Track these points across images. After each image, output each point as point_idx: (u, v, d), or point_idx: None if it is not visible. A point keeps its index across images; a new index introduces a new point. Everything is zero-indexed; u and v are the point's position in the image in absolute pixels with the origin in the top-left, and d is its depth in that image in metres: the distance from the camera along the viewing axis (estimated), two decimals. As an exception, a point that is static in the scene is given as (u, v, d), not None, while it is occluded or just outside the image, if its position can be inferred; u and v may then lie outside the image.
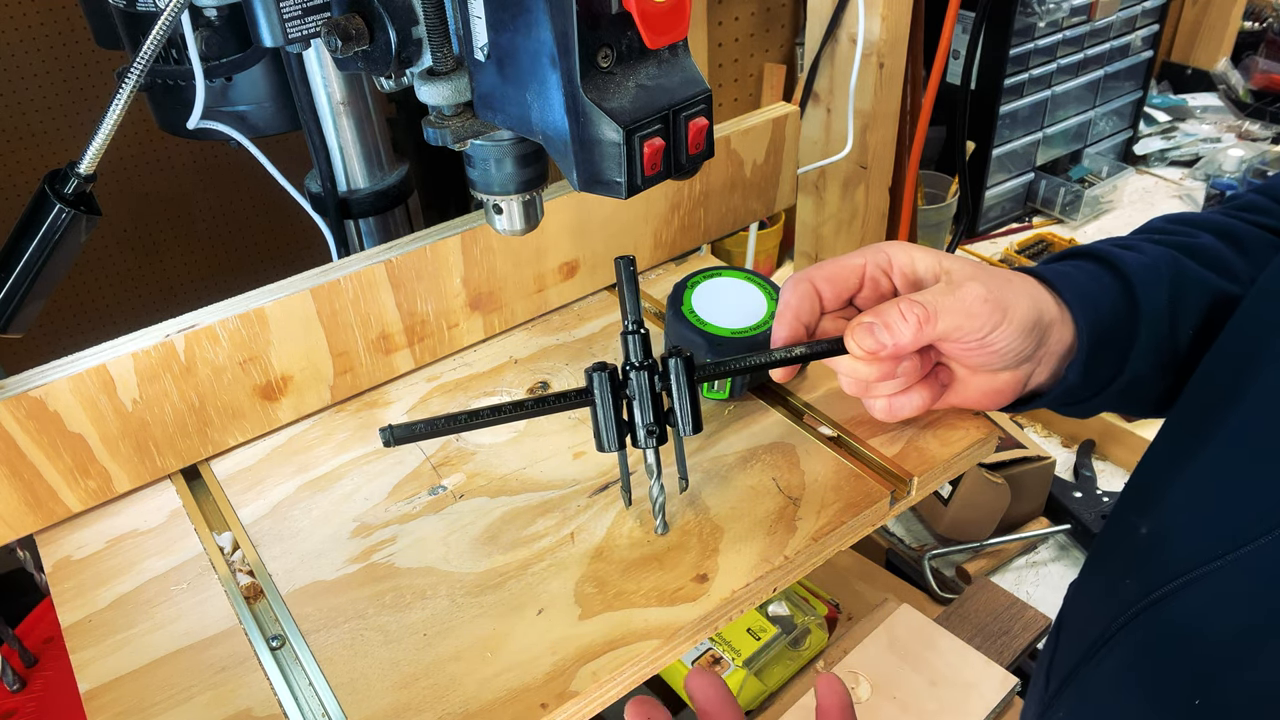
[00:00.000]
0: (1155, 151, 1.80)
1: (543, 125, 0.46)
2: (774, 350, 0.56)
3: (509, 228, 0.56)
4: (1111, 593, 0.48)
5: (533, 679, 0.49)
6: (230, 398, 0.64)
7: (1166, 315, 0.54)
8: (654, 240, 0.81)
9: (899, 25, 1.09)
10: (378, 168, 0.87)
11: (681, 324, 0.65)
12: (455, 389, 0.71)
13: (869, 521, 0.59)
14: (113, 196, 1.40)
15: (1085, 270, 0.56)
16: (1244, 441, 0.44)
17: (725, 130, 0.80)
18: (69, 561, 0.59)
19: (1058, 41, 1.49)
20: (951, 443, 0.62)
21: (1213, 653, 0.41)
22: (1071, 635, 0.52)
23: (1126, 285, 0.55)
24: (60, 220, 0.57)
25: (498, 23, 0.45)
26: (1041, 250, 1.57)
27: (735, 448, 0.63)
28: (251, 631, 0.53)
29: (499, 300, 0.74)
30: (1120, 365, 0.55)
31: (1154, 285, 0.54)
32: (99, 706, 0.50)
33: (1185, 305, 0.54)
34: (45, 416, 0.57)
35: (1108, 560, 0.53)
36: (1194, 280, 0.55)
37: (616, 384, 0.54)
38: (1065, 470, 1.21)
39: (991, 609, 0.96)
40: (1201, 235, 0.57)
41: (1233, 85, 1.93)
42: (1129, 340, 0.54)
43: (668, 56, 0.47)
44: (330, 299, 0.65)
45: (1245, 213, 0.60)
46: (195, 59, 0.67)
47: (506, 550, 0.57)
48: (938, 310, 0.52)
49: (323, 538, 0.59)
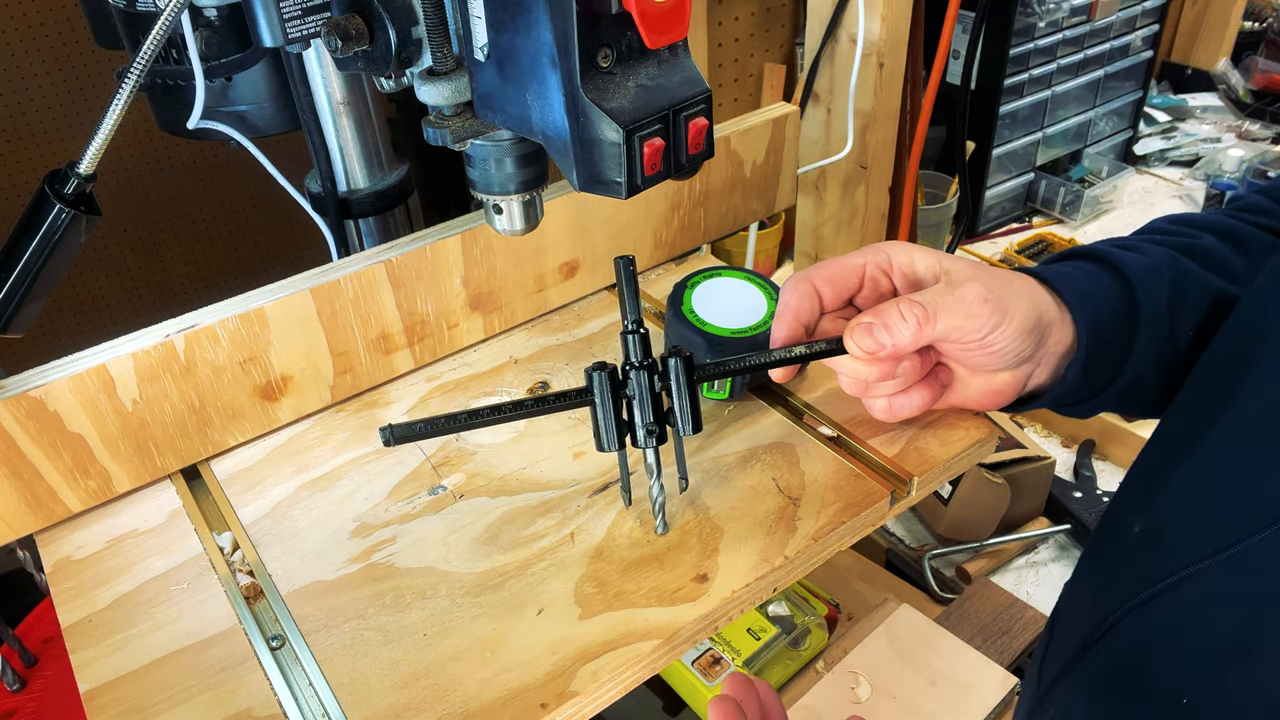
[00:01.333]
0: (1155, 151, 1.80)
1: (543, 125, 0.46)
2: (773, 350, 0.56)
3: (509, 228, 0.56)
4: (1104, 591, 0.48)
5: (533, 679, 0.49)
6: (230, 398, 0.64)
7: (1167, 316, 0.54)
8: (654, 240, 0.81)
9: (899, 25, 1.09)
10: (378, 168, 0.87)
11: (681, 324, 0.65)
12: (455, 389, 0.71)
13: (869, 521, 0.59)
14: (113, 196, 1.40)
15: (1086, 271, 0.56)
16: (1238, 440, 0.44)
17: (725, 130, 0.80)
18: (69, 561, 0.59)
19: (1058, 41, 1.49)
20: (951, 443, 0.62)
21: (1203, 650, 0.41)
22: (1064, 633, 0.52)
23: (1127, 286, 0.55)
24: (60, 220, 0.57)
25: (498, 23, 0.45)
26: (1041, 250, 1.57)
27: (735, 448, 0.63)
28: (251, 631, 0.53)
29: (499, 300, 0.74)
30: (1120, 366, 0.55)
31: (1154, 286, 0.54)
32: (99, 706, 0.50)
33: (1186, 306, 0.54)
34: (45, 416, 0.57)
35: (1101, 558, 0.53)
36: (1195, 281, 0.55)
37: (616, 384, 0.54)
38: (1065, 470, 1.21)
39: (991, 609, 0.96)
40: (1203, 236, 0.57)
41: (1233, 85, 1.93)
42: (1129, 341, 0.54)
43: (668, 56, 0.47)
44: (330, 299, 0.65)
45: (1247, 213, 0.60)
46: (195, 59, 0.67)
47: (506, 550, 0.57)
48: (937, 310, 0.52)
49: (323, 538, 0.59)
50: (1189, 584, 0.42)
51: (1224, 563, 0.41)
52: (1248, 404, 0.44)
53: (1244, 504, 0.41)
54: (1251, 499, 0.41)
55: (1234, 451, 0.44)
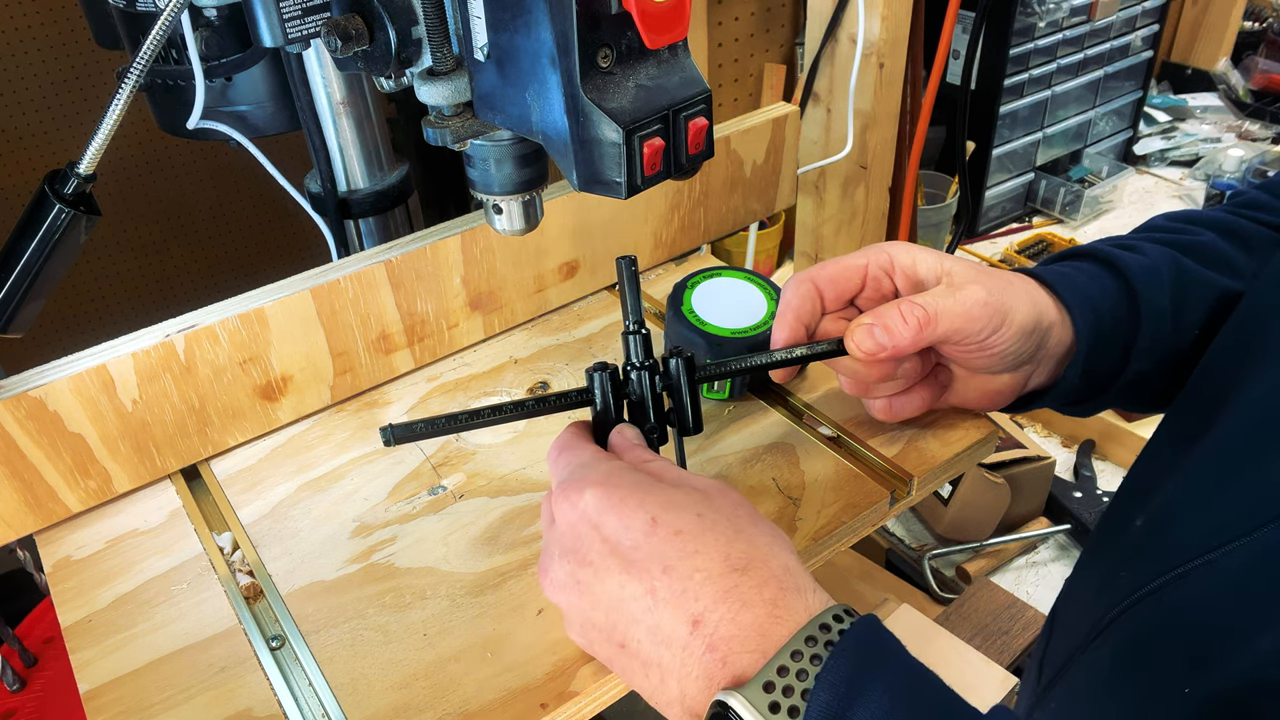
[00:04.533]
0: (1155, 151, 1.80)
1: (543, 125, 0.46)
2: (774, 351, 0.56)
3: (509, 228, 0.56)
4: (1106, 584, 0.48)
5: (533, 679, 0.49)
6: (230, 398, 0.64)
7: (1169, 315, 0.54)
8: (654, 240, 0.81)
9: (899, 25, 1.09)
10: (378, 168, 0.87)
11: (681, 324, 0.65)
12: (455, 389, 0.71)
13: (869, 521, 0.59)
14: (113, 197, 1.40)
15: (1085, 271, 0.56)
16: (1241, 435, 0.44)
17: (725, 130, 0.80)
18: (69, 561, 0.59)
19: (1058, 41, 1.49)
20: (951, 443, 0.62)
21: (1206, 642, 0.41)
22: (1064, 628, 0.52)
23: (1127, 286, 0.55)
24: (60, 220, 0.57)
25: (497, 23, 0.45)
26: (1041, 250, 1.57)
27: (735, 448, 0.63)
28: (251, 631, 0.53)
29: (499, 300, 0.74)
30: (1122, 365, 0.55)
31: (1155, 286, 0.54)
32: (99, 706, 0.50)
33: (1189, 304, 0.54)
34: (45, 416, 0.57)
35: (1103, 553, 0.53)
36: (1196, 279, 0.55)
37: (617, 384, 0.54)
38: (1065, 470, 1.21)
39: (991, 609, 0.96)
40: (1203, 233, 0.57)
41: (1233, 85, 1.93)
42: (1130, 340, 0.54)
43: (667, 56, 0.47)
44: (330, 299, 0.65)
45: (1247, 209, 0.60)
46: (195, 59, 0.67)
47: (506, 550, 0.57)
48: (938, 313, 0.52)
49: (323, 538, 0.59)
50: (1192, 577, 0.42)
51: (1227, 556, 0.41)
52: (1251, 400, 0.44)
53: (1248, 498, 0.41)
54: (1255, 493, 0.41)
55: (1237, 447, 0.44)
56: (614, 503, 0.43)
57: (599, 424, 0.54)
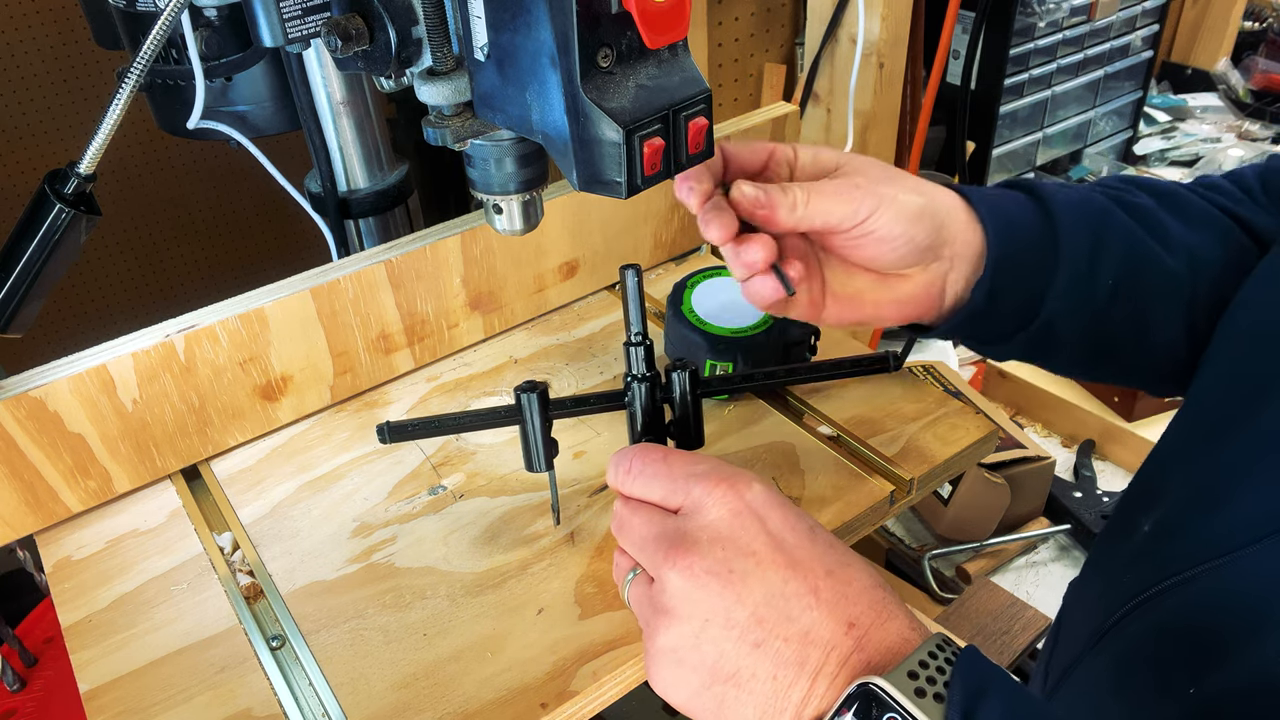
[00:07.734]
0: (1155, 151, 1.80)
1: (543, 125, 0.46)
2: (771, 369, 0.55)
3: (509, 228, 0.56)
4: (1113, 586, 0.48)
5: (533, 679, 0.49)
6: (230, 398, 0.64)
7: (1086, 254, 0.53)
8: (654, 240, 0.81)
9: (899, 25, 1.09)
10: (378, 168, 0.87)
11: (681, 324, 0.65)
12: (455, 389, 0.71)
13: (869, 521, 0.59)
14: (113, 197, 1.40)
15: (1008, 196, 0.55)
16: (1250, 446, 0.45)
17: (725, 130, 0.80)
18: (69, 561, 0.59)
19: (1058, 41, 1.49)
20: (951, 442, 0.62)
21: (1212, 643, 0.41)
22: (1071, 631, 0.52)
23: (1047, 212, 0.54)
24: (60, 220, 0.57)
25: (498, 22, 0.45)
26: (1041, 250, 1.57)
27: (735, 448, 0.63)
28: (251, 631, 0.53)
29: (499, 300, 0.74)
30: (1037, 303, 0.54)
31: (1077, 221, 0.53)
32: (99, 706, 0.50)
33: (1107, 250, 0.53)
34: (45, 416, 0.57)
35: (1110, 556, 0.53)
36: (1120, 229, 0.54)
37: (545, 405, 0.54)
38: (1065, 470, 1.21)
39: (991, 609, 0.96)
40: (1141, 196, 0.57)
41: (1233, 85, 1.93)
42: (1048, 276, 0.53)
43: (668, 56, 0.47)
44: (330, 299, 0.65)
45: (1203, 189, 0.59)
46: (195, 59, 0.67)
47: (506, 550, 0.57)
48: (810, 192, 0.51)
49: (323, 538, 0.59)
50: (1199, 580, 0.42)
51: (1235, 561, 0.41)
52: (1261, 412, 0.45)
53: (1256, 506, 0.42)
54: (1263, 503, 0.42)
55: (1249, 454, 0.45)
56: (780, 501, 0.44)
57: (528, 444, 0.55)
